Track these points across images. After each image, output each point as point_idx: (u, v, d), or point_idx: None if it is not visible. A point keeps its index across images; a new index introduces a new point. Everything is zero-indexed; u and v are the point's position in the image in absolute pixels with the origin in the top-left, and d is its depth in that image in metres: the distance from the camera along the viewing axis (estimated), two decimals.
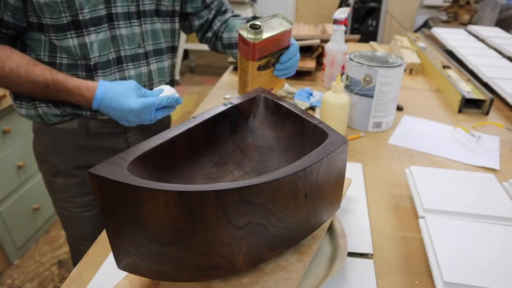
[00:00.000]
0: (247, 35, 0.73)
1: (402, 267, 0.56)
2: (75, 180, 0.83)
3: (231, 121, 0.57)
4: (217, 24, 0.93)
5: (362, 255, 0.58)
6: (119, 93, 0.68)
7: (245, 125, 0.59)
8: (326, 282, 0.48)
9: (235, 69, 1.42)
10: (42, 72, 0.69)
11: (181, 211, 0.37)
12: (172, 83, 0.91)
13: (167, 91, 0.75)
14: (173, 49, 0.87)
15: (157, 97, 0.71)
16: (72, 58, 0.71)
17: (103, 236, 0.63)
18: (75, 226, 0.88)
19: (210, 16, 0.92)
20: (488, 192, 0.67)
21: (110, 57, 0.74)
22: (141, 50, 0.78)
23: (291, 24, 0.73)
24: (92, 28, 0.69)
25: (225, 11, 0.94)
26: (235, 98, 0.58)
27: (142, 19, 0.76)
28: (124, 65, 0.77)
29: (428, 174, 0.72)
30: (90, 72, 0.73)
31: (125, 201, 0.38)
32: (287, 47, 0.80)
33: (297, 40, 1.35)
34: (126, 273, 0.49)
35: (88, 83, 0.70)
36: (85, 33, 0.69)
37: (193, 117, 0.54)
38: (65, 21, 0.66)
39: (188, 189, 0.36)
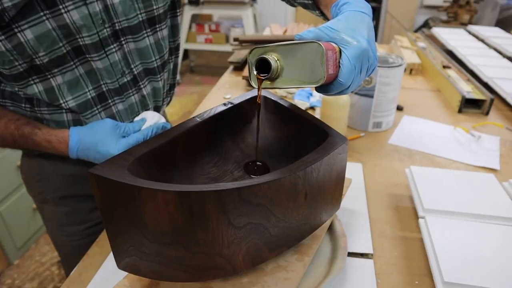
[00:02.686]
0: (250, 75, 0.46)
1: (402, 267, 0.56)
2: (64, 209, 0.76)
3: (231, 121, 0.57)
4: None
5: (362, 255, 0.58)
6: (95, 140, 0.58)
7: (245, 125, 0.59)
8: (326, 282, 0.48)
9: (235, 69, 1.42)
10: (7, 127, 0.60)
11: (181, 211, 0.37)
12: (174, 86, 0.83)
13: (150, 119, 0.64)
14: (176, 49, 0.76)
15: (140, 132, 0.60)
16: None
17: (103, 236, 0.63)
18: (66, 252, 0.82)
19: None
20: (488, 192, 0.67)
21: (89, 96, 0.62)
22: (127, 78, 0.65)
23: (324, 76, 0.41)
24: (55, 70, 0.57)
25: None
26: (235, 98, 0.58)
27: (122, 39, 0.61)
28: (110, 101, 0.65)
29: (428, 174, 0.72)
30: (72, 114, 0.64)
31: (125, 201, 0.38)
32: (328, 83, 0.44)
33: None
34: (126, 273, 0.49)
35: (59, 133, 0.60)
36: (49, 76, 0.58)
37: (193, 117, 0.54)
38: (21, 69, 0.55)
39: (188, 189, 0.36)
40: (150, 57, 0.66)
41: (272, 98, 0.58)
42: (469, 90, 1.12)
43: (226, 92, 1.22)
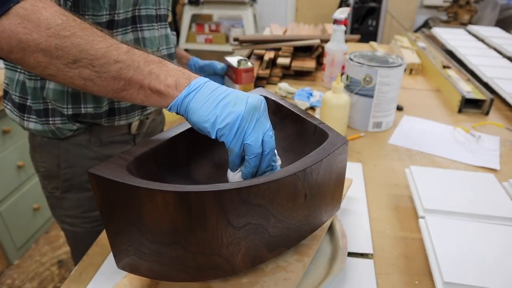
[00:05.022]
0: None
1: (402, 267, 0.56)
2: (88, 194, 0.78)
3: None
4: None
5: (362, 255, 0.58)
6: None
7: None
8: (326, 282, 0.48)
9: None
10: (118, 47, 0.45)
11: (180, 211, 0.37)
12: None
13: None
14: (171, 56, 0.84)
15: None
16: None
17: (103, 236, 0.63)
18: (86, 241, 0.79)
19: None
20: (488, 192, 0.67)
21: None
22: (158, 54, 0.70)
23: None
24: (120, 29, 0.65)
25: None
26: None
27: (159, 23, 0.74)
28: None
29: (428, 174, 0.72)
30: None
31: (125, 201, 0.38)
32: None
33: (297, 40, 1.35)
34: (126, 273, 0.49)
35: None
36: (114, 34, 0.64)
37: None
38: (104, 20, 0.61)
39: (187, 189, 0.36)
40: (171, 44, 0.79)
41: (273, 98, 0.58)
42: (469, 90, 1.12)
43: None
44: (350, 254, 0.58)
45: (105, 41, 0.44)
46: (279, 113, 0.57)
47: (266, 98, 0.58)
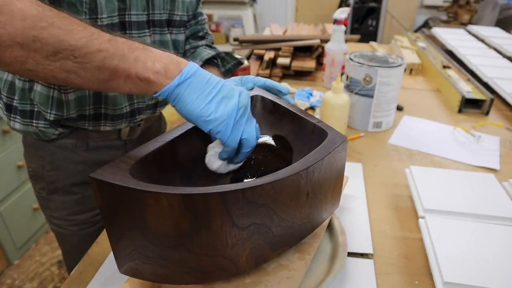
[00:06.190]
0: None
1: (402, 267, 0.56)
2: (74, 197, 0.76)
3: None
4: (186, 46, 0.84)
5: (362, 255, 0.58)
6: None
7: None
8: (327, 281, 0.48)
9: None
10: (99, 36, 0.43)
11: (185, 213, 0.37)
12: None
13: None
14: None
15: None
16: None
17: (103, 236, 0.63)
18: (73, 243, 0.82)
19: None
20: (488, 192, 0.67)
21: None
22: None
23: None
24: None
25: (202, 38, 0.86)
26: None
27: (151, 29, 0.70)
28: None
29: (428, 174, 0.73)
30: None
31: (128, 205, 0.38)
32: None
33: (297, 40, 1.35)
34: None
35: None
36: None
37: None
38: None
39: (192, 191, 0.36)
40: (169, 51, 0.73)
41: (269, 98, 0.58)
42: (469, 90, 1.12)
43: None
44: (350, 254, 0.58)
45: (86, 30, 0.41)
46: (276, 112, 0.58)
47: (262, 97, 0.58)
